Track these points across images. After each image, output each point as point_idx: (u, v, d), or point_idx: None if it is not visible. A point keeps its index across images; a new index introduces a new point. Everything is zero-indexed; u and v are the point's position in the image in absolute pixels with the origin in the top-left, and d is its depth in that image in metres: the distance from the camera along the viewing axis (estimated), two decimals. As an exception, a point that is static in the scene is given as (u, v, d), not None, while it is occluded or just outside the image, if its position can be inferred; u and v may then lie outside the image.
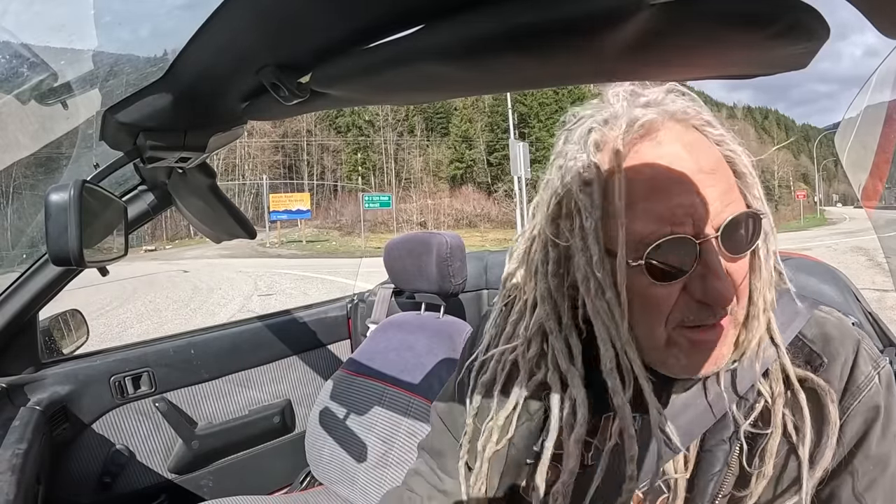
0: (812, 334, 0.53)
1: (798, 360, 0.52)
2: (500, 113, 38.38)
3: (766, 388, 0.50)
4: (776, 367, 0.51)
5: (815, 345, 0.52)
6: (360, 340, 1.69)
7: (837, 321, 0.54)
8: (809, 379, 0.50)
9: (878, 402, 0.49)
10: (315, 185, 38.84)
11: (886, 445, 0.49)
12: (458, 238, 1.47)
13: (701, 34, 0.39)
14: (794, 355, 0.52)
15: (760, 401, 0.50)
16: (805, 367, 0.51)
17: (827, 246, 16.84)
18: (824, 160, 54.75)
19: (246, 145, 37.37)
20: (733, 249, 0.45)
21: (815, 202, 51.94)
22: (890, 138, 0.60)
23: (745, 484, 0.49)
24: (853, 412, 0.49)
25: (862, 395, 0.49)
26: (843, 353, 0.51)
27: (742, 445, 0.50)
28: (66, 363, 1.33)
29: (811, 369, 0.51)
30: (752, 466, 0.49)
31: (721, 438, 0.50)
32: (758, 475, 0.48)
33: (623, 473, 0.51)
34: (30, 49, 0.77)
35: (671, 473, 0.51)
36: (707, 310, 0.45)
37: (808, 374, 0.50)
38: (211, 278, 13.37)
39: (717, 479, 0.50)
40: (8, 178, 1.41)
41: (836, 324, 0.53)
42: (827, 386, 0.49)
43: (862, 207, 0.72)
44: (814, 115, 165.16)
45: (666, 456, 0.50)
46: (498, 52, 0.44)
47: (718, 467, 0.50)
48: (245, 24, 0.51)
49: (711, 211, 0.44)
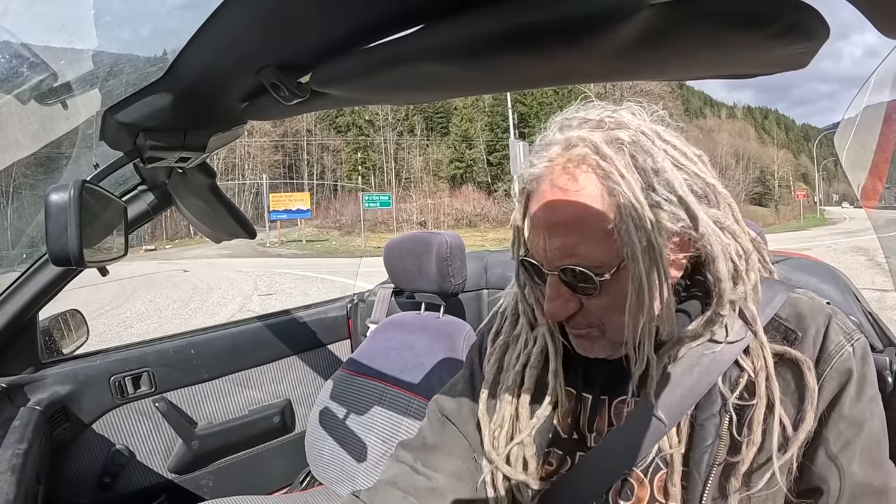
0: (787, 313, 0.58)
1: (776, 337, 0.57)
2: (500, 113, 38.40)
3: (749, 363, 0.55)
4: (756, 345, 0.55)
5: (790, 322, 0.58)
6: (360, 340, 1.69)
7: (810, 300, 0.59)
8: (787, 352, 0.55)
9: (849, 367, 0.54)
10: (315, 185, 38.84)
11: (860, 408, 0.54)
12: (458, 238, 1.47)
13: (701, 34, 0.39)
14: (772, 333, 0.57)
15: (744, 375, 0.55)
16: (782, 343, 0.56)
17: (827, 246, 16.85)
18: (824, 160, 54.74)
19: (246, 145, 37.36)
20: (574, 289, 0.54)
21: (815, 202, 51.94)
22: (889, 138, 0.60)
23: (737, 451, 0.53)
24: (826, 377, 0.54)
25: (833, 361, 0.54)
26: (815, 326, 0.56)
27: (731, 417, 0.54)
28: (66, 363, 1.33)
29: (787, 343, 0.56)
30: (741, 435, 0.54)
31: (711, 412, 0.55)
32: (747, 442, 0.53)
33: (622, 453, 0.56)
34: (30, 49, 0.77)
35: (666, 449, 0.55)
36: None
37: (785, 349, 0.55)
38: (211, 278, 13.36)
39: (710, 450, 0.54)
40: (8, 178, 1.41)
41: (809, 302, 0.59)
42: (803, 356, 0.54)
43: (862, 207, 0.73)
44: (814, 115, 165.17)
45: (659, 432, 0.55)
46: (498, 52, 0.44)
47: (711, 439, 0.54)
48: (245, 24, 0.51)
49: (551, 257, 0.54)
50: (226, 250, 20.57)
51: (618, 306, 0.52)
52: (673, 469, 0.55)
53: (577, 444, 0.61)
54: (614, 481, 0.57)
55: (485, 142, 41.67)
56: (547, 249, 0.54)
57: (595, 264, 0.52)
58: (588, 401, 0.62)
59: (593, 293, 0.53)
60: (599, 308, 0.54)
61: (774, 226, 39.76)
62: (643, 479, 0.57)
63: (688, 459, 0.55)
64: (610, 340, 0.57)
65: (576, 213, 0.51)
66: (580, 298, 0.54)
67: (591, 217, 0.51)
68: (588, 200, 0.51)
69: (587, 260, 0.52)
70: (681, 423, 0.56)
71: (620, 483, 0.57)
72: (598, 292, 0.53)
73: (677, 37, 0.40)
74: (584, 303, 0.55)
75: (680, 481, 0.54)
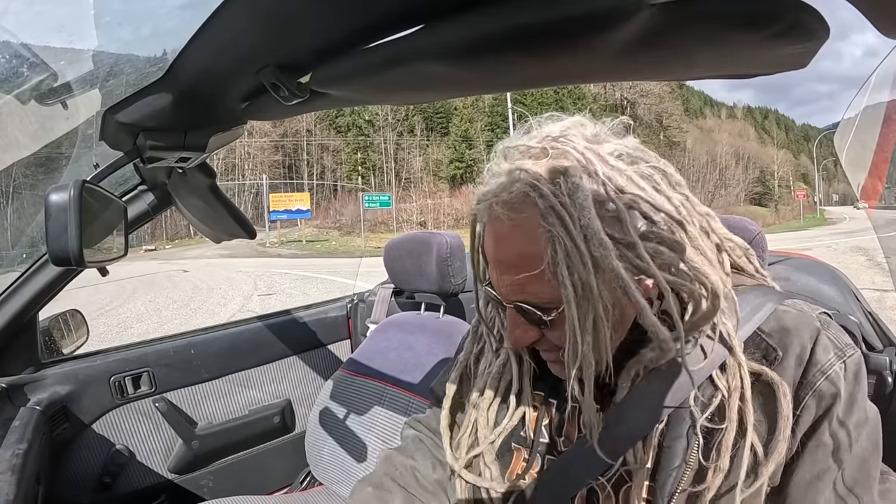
0: (770, 328, 0.54)
1: (755, 355, 0.53)
2: (500, 113, 38.37)
3: (723, 382, 0.52)
4: (732, 362, 0.52)
5: (772, 338, 0.53)
6: (360, 340, 1.69)
7: (798, 313, 0.54)
8: (764, 373, 0.51)
9: (835, 390, 0.50)
10: (315, 185, 38.84)
11: (842, 434, 0.50)
12: (458, 238, 1.47)
13: (701, 34, 0.39)
14: (751, 349, 0.53)
15: (717, 395, 0.52)
16: (761, 362, 0.52)
17: (827, 246, 16.84)
18: (824, 160, 54.72)
19: (246, 145, 37.36)
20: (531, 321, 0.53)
21: (814, 202, 51.92)
22: (888, 138, 0.60)
23: (703, 478, 0.50)
24: (807, 402, 0.50)
25: (818, 384, 0.50)
26: (799, 343, 0.52)
27: (699, 440, 0.51)
28: (66, 363, 1.33)
29: (767, 363, 0.52)
30: (708, 460, 0.50)
31: (679, 432, 0.52)
32: (714, 468, 0.50)
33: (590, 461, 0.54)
34: (30, 49, 0.77)
35: (631, 462, 0.53)
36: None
37: (763, 369, 0.51)
38: (211, 278, 13.36)
39: (675, 474, 0.51)
40: (8, 178, 1.41)
41: (796, 315, 0.54)
42: (780, 380, 0.50)
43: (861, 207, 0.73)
44: (814, 115, 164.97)
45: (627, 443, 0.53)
46: (498, 52, 0.44)
47: (677, 462, 0.51)
48: (245, 25, 0.51)
49: (505, 292, 0.53)
50: (226, 250, 20.57)
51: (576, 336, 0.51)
52: (637, 483, 0.53)
53: (547, 448, 0.61)
54: (581, 487, 0.56)
55: (485, 142, 41.64)
56: (500, 284, 0.54)
57: (543, 301, 0.51)
58: (554, 405, 0.62)
59: (546, 328, 0.53)
60: (557, 338, 0.53)
61: (774, 226, 39.73)
62: (609, 490, 0.56)
63: (653, 476, 0.53)
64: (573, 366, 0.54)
65: (517, 251, 0.50)
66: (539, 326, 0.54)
67: (530, 257, 0.49)
68: (526, 240, 0.49)
69: (535, 297, 0.51)
70: (647, 437, 0.54)
71: (587, 491, 0.56)
72: (551, 327, 0.52)
73: (677, 37, 0.40)
74: (543, 332, 0.54)
75: (645, 496, 0.53)
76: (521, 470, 0.61)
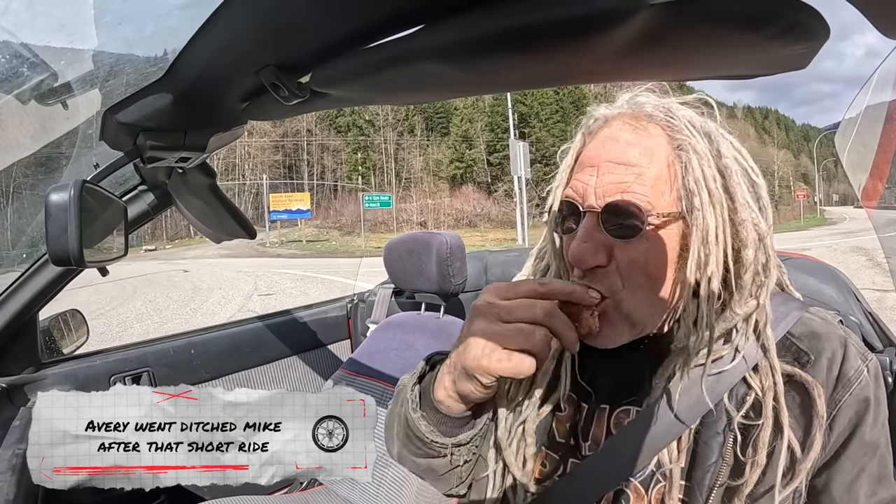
0: (800, 332, 0.56)
1: (787, 357, 0.55)
2: (500, 113, 38.37)
3: (757, 381, 0.53)
4: (765, 363, 0.53)
5: (803, 342, 0.55)
6: (360, 340, 1.69)
7: (823, 321, 0.57)
8: (797, 374, 0.53)
9: (867, 395, 0.53)
10: (315, 185, 38.83)
11: (876, 433, 0.53)
12: (458, 238, 1.47)
13: (701, 34, 0.39)
14: (783, 352, 0.55)
15: (751, 393, 0.53)
16: (793, 364, 0.54)
17: (827, 246, 16.84)
18: (824, 160, 54.73)
19: (246, 145, 37.36)
20: (613, 232, 0.51)
21: (815, 202, 51.92)
22: (890, 138, 0.60)
23: (740, 473, 0.51)
24: (844, 404, 0.52)
25: (853, 388, 0.52)
26: (830, 349, 0.54)
27: (736, 436, 0.52)
28: (66, 363, 1.33)
29: (799, 365, 0.54)
30: (745, 456, 0.52)
31: (715, 430, 0.53)
32: (751, 464, 0.51)
33: (620, 462, 0.54)
34: (30, 49, 0.77)
35: (666, 463, 0.54)
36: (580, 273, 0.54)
37: (795, 370, 0.53)
38: (211, 278, 13.36)
39: (713, 469, 0.52)
40: (8, 178, 1.41)
41: (823, 324, 0.57)
42: (813, 381, 0.52)
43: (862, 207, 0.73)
44: (816, 115, 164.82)
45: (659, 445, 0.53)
46: (498, 53, 0.44)
47: (714, 458, 0.52)
48: (245, 25, 0.51)
49: (601, 192, 0.52)
50: (226, 250, 20.57)
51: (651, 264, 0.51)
52: (671, 483, 0.53)
53: (571, 451, 0.60)
54: (608, 491, 0.56)
55: (485, 142, 41.66)
56: (597, 185, 0.52)
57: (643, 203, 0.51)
58: (585, 409, 0.60)
59: (633, 236, 0.51)
60: (628, 261, 0.51)
61: (774, 226, 39.42)
62: (641, 491, 0.55)
63: (688, 475, 0.53)
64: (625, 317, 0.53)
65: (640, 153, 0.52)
66: (611, 248, 0.52)
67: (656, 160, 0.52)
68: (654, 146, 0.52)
69: (639, 199, 0.51)
70: (682, 437, 0.54)
71: (613, 494, 0.56)
72: (638, 238, 0.51)
73: (677, 37, 0.40)
74: (613, 254, 0.52)
75: (678, 496, 0.53)
76: (546, 468, 0.60)
